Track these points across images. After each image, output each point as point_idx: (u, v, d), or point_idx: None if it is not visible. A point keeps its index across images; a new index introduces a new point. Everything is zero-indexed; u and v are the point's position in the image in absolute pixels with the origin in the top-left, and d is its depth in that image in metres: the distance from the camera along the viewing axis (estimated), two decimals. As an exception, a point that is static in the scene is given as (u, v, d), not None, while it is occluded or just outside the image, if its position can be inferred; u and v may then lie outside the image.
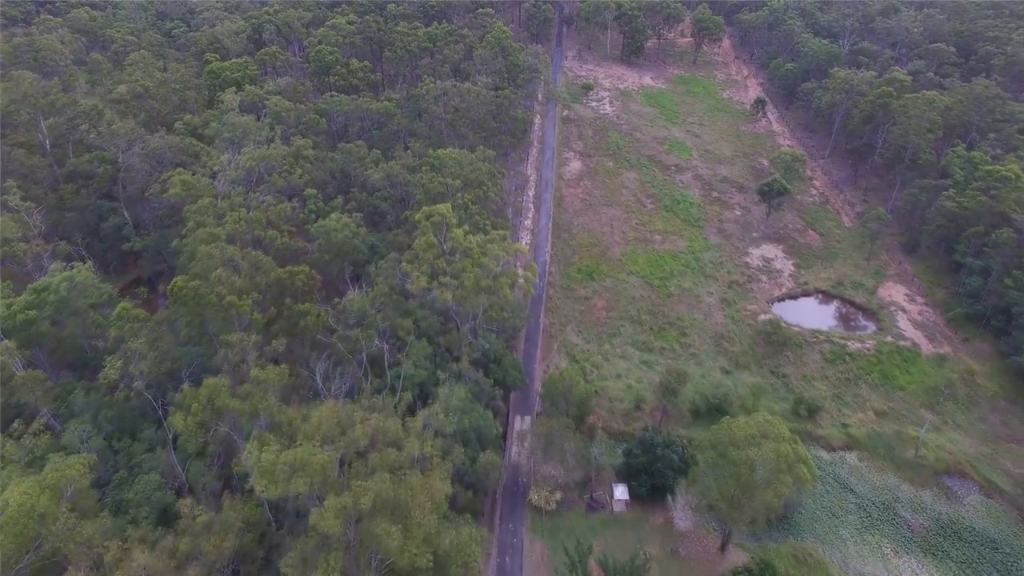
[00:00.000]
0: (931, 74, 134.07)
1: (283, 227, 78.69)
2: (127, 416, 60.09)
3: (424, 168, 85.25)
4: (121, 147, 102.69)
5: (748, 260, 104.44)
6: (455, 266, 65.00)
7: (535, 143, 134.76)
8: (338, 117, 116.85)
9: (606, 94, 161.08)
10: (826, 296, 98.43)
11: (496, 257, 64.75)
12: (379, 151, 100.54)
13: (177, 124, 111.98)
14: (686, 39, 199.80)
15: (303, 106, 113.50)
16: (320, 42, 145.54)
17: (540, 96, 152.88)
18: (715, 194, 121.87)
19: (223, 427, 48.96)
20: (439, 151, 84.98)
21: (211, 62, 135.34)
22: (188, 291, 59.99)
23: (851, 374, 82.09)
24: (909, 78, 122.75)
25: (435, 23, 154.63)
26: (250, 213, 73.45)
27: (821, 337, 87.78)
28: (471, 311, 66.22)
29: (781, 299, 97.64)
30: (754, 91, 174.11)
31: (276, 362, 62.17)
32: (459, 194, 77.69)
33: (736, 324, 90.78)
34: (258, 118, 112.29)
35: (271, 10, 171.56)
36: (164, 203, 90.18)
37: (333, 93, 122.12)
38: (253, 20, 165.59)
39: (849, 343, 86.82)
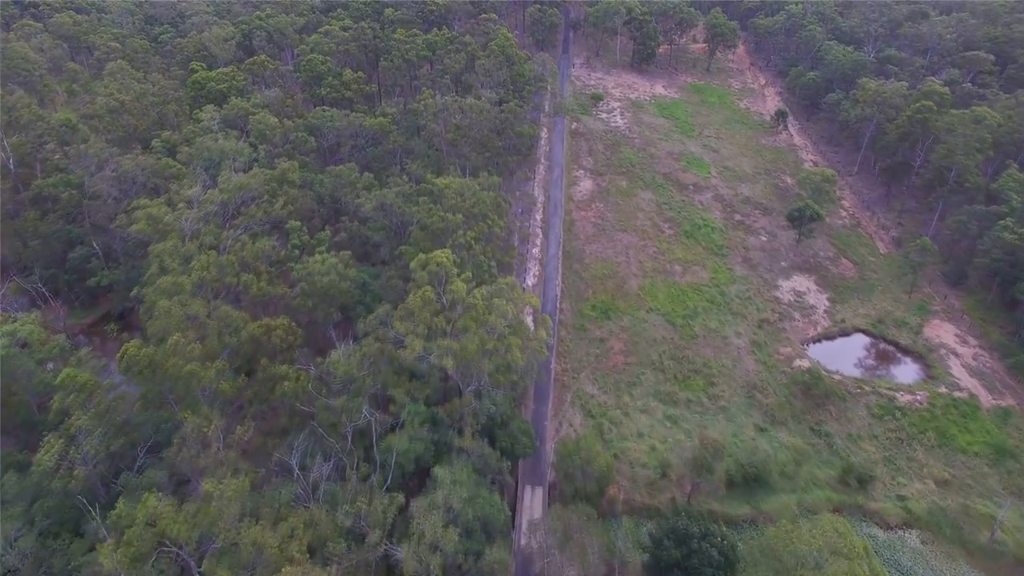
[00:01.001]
0: (969, 84, 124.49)
1: (261, 267, 69.41)
2: (68, 506, 50.85)
3: (422, 200, 75.93)
4: (91, 169, 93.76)
5: (778, 294, 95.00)
6: (456, 323, 55.77)
7: (542, 160, 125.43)
8: (329, 134, 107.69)
9: (617, 105, 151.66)
10: (866, 336, 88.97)
11: (504, 314, 55.48)
12: (372, 174, 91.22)
13: (154, 142, 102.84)
14: (698, 45, 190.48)
15: (291, 122, 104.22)
16: (312, 50, 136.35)
17: (547, 107, 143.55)
18: (738, 217, 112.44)
19: (170, 547, 39.70)
20: (439, 180, 75.68)
21: (197, 71, 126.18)
22: (142, 359, 50.78)
23: (903, 433, 72.65)
24: (948, 91, 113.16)
25: (435, 29, 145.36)
26: (222, 256, 64.12)
27: (866, 388, 78.36)
28: (475, 374, 56.97)
29: (817, 340, 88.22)
30: (772, 101, 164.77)
31: (246, 441, 53.02)
32: (460, 232, 68.40)
33: (769, 371, 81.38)
34: (243, 134, 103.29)
35: (263, 15, 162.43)
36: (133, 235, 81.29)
37: (324, 107, 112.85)
38: (243, 26, 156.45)
39: (898, 395, 77.38)
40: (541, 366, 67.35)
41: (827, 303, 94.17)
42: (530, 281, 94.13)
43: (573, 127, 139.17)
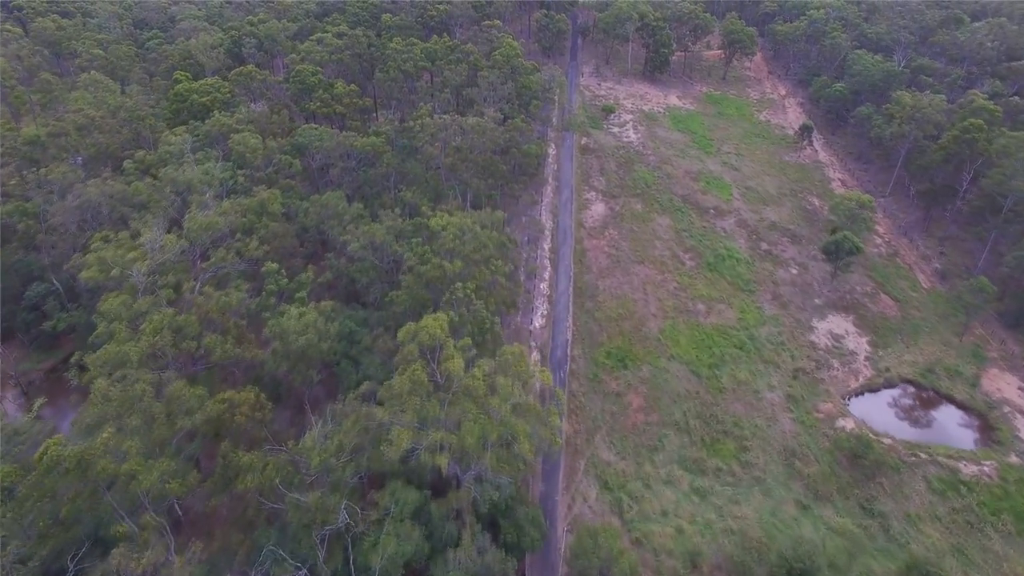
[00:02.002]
0: (1016, 98, 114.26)
1: (229, 323, 60.05)
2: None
3: (415, 241, 66.56)
4: (53, 196, 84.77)
5: (813, 338, 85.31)
6: (452, 407, 46.41)
7: (550, 180, 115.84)
8: (317, 153, 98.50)
9: (629, 117, 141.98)
10: (915, 388, 79.26)
11: (508, 396, 46.12)
12: (361, 204, 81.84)
13: (126, 163, 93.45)
14: (713, 52, 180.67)
15: (275, 142, 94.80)
16: (303, 59, 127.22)
17: (555, 120, 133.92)
18: (764, 246, 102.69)
19: None
20: (433, 220, 66.23)
21: (181, 81, 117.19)
22: (68, 459, 41.55)
23: (972, 515, 62.93)
24: (997, 107, 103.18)
25: (435, 37, 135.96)
26: (181, 315, 54.78)
27: (922, 455, 68.64)
28: (475, 463, 47.65)
29: (859, 392, 78.53)
30: (793, 112, 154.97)
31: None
32: (459, 285, 58.92)
33: (809, 433, 71.75)
34: (224, 155, 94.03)
35: (255, 19, 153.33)
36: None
37: (313, 125, 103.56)
38: (233, 32, 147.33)
39: (961, 465, 67.66)
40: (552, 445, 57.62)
41: (868, 348, 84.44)
42: (538, 322, 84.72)
43: (583, 142, 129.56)
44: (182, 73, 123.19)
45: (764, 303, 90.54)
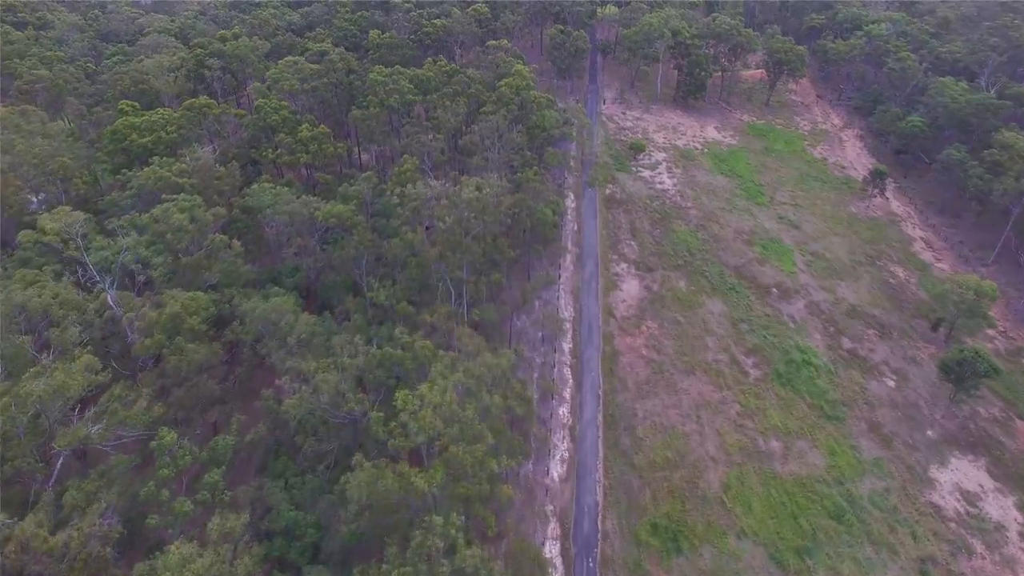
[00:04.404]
0: None
1: (77, 563, 37.67)
2: None
3: (376, 418, 44.01)
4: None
5: (936, 498, 62.06)
6: None
7: (570, 246, 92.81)
8: (271, 223, 76.46)
9: (662, 156, 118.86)
10: (1094, 588, 56.06)
11: None
12: (315, 317, 59.23)
13: (22, 236, 71.38)
14: (752, 72, 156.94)
15: (210, 215, 71.96)
16: (270, 87, 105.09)
17: (573, 163, 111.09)
18: (847, 343, 79.40)
19: None
20: (401, 397, 43.32)
21: (127, 113, 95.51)
22: None
23: None
24: None
25: (430, 58, 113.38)
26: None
27: None
28: None
29: (1018, 597, 55.41)
30: (852, 147, 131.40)
31: None
32: (438, 522, 36.31)
33: None
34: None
35: (227, 35, 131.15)
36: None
37: (267, 182, 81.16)
38: (198, 50, 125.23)
39: None
40: None
41: (1019, 516, 61.11)
42: (556, 472, 61.88)
43: (608, 192, 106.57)
44: (128, 103, 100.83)
45: (859, 437, 67.29)
